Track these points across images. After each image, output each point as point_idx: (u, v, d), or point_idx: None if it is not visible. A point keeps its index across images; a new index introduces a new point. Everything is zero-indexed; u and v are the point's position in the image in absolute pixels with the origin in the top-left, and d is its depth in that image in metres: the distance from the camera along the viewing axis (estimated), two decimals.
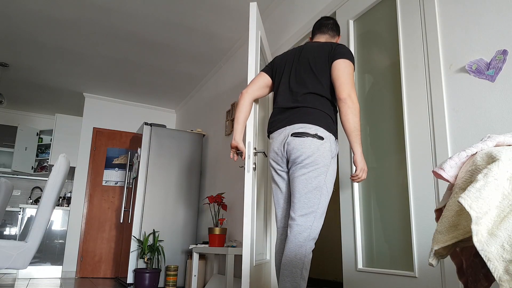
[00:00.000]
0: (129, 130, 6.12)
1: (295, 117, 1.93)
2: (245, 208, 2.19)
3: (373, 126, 2.30)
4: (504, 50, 1.64)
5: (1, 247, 2.18)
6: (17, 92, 5.96)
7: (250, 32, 2.45)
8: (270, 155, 2.04)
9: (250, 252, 2.13)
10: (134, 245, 4.30)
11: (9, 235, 5.54)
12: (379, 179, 2.21)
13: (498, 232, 0.83)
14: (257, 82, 2.18)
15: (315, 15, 2.92)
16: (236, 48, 4.35)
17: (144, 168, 4.57)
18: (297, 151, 1.86)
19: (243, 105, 2.13)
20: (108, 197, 5.74)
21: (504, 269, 0.80)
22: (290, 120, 1.94)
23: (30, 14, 3.84)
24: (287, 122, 1.95)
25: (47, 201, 2.36)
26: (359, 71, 2.48)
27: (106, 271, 5.52)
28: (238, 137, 2.14)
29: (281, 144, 1.95)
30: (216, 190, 4.44)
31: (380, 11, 2.37)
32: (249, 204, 2.19)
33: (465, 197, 0.86)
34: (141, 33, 4.16)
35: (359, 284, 2.21)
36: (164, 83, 5.50)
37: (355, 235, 2.28)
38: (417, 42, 2.05)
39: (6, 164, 6.34)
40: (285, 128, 1.94)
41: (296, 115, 1.93)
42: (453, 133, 1.81)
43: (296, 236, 1.80)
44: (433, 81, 1.92)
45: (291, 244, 1.79)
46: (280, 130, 1.98)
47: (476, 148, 1.04)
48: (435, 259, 0.99)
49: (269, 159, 2.04)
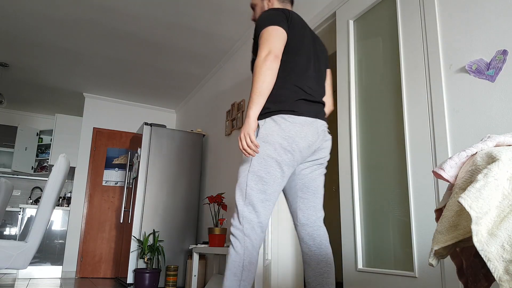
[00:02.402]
0: (129, 130, 6.12)
1: (322, 112, 1.78)
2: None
3: (373, 126, 2.30)
4: (504, 50, 1.64)
5: (1, 247, 2.18)
6: (17, 92, 5.96)
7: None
8: (299, 143, 1.65)
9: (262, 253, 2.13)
10: (134, 245, 4.30)
11: (9, 235, 5.54)
12: (379, 179, 2.21)
13: (498, 232, 0.83)
14: (283, 42, 1.69)
15: (315, 15, 2.92)
16: (236, 48, 4.35)
17: (144, 168, 4.57)
18: (329, 150, 1.81)
19: (275, 75, 1.63)
20: (108, 197, 5.74)
21: (504, 269, 0.80)
22: (318, 113, 1.75)
23: (30, 14, 3.84)
24: (317, 114, 1.73)
25: (47, 201, 2.36)
26: (359, 71, 2.48)
27: (106, 271, 5.52)
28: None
29: (317, 137, 1.71)
30: (216, 190, 4.44)
31: (380, 11, 2.37)
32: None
33: (465, 197, 0.86)
34: (141, 33, 4.15)
35: (359, 284, 2.21)
36: (164, 83, 5.50)
37: (355, 235, 2.28)
38: (417, 42, 2.05)
39: (6, 164, 6.34)
40: (316, 120, 1.71)
41: (322, 109, 1.79)
42: (453, 133, 1.81)
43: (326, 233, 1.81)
44: (433, 81, 1.92)
45: (327, 243, 1.77)
46: (312, 119, 1.69)
47: (476, 148, 1.04)
48: (435, 259, 0.99)
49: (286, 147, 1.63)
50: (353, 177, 2.34)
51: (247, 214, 1.61)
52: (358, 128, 2.40)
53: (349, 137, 2.42)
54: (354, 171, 2.35)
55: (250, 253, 1.59)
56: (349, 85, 2.49)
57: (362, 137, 2.37)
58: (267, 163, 1.62)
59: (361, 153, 2.36)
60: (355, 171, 2.35)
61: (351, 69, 2.50)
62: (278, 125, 1.63)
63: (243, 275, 1.57)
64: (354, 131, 2.41)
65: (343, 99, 2.53)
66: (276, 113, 1.66)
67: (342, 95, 2.54)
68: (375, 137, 2.27)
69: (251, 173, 1.63)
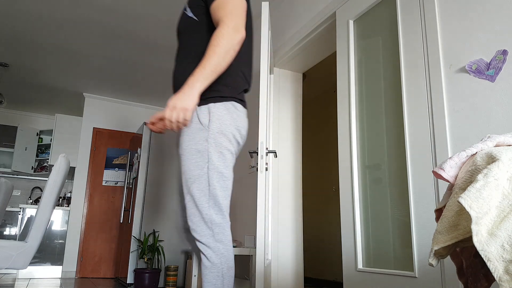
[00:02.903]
0: (129, 130, 6.12)
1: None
2: (258, 209, 2.17)
3: (373, 126, 2.30)
4: (504, 50, 1.64)
5: (1, 247, 2.18)
6: (17, 92, 5.96)
7: (262, 32, 2.45)
8: (243, 136, 1.55)
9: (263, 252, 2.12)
10: (134, 245, 4.30)
11: (9, 235, 5.54)
12: (379, 179, 2.21)
13: (498, 232, 0.83)
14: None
15: (315, 15, 2.92)
16: None
17: (144, 168, 4.57)
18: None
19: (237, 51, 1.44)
20: (108, 197, 5.74)
21: (504, 269, 0.80)
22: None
23: (30, 14, 3.84)
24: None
25: (47, 201, 2.36)
26: (359, 71, 2.48)
27: (106, 271, 5.52)
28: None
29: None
30: None
31: (380, 11, 2.37)
32: (262, 205, 2.18)
33: (465, 197, 0.86)
34: (141, 33, 4.15)
35: (359, 284, 2.21)
36: (164, 83, 5.50)
37: (355, 235, 2.28)
38: (417, 42, 2.05)
39: (6, 164, 6.34)
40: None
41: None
42: (453, 133, 1.81)
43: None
44: (433, 81, 1.92)
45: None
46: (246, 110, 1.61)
47: (476, 148, 1.04)
48: (435, 259, 0.99)
49: (238, 139, 1.51)
50: (353, 177, 2.34)
51: (214, 217, 1.40)
52: (358, 128, 2.40)
53: (349, 137, 2.42)
54: (354, 171, 2.35)
55: (227, 259, 1.40)
56: (349, 85, 2.49)
57: (362, 137, 2.37)
58: (226, 157, 1.45)
59: (361, 153, 2.36)
60: (355, 171, 2.35)
61: (351, 69, 2.50)
62: (230, 114, 1.47)
63: (224, 283, 1.39)
64: (354, 131, 2.41)
65: (343, 99, 2.53)
66: (229, 99, 1.48)
67: (342, 95, 2.54)
68: (375, 137, 2.27)
69: (212, 170, 1.42)
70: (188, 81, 1.35)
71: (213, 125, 1.43)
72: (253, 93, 3.84)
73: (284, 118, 3.42)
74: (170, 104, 1.33)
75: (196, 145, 1.42)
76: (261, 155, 2.20)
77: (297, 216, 3.26)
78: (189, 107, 1.32)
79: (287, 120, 3.43)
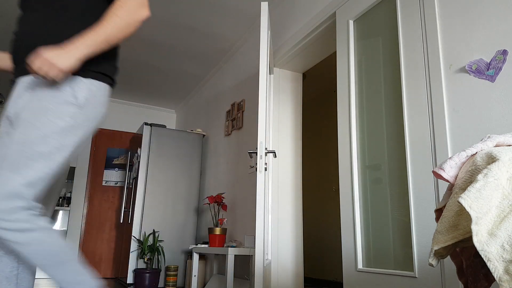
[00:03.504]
0: (129, 130, 6.12)
1: None
2: (257, 209, 2.17)
3: (373, 126, 2.31)
4: (504, 50, 1.64)
5: None
6: None
7: (261, 32, 2.45)
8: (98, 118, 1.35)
9: (262, 252, 2.13)
10: (134, 245, 4.30)
11: None
12: (379, 179, 2.21)
13: (498, 232, 0.83)
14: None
15: (315, 15, 2.92)
16: (236, 48, 4.35)
17: (144, 168, 4.57)
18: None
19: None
20: (108, 197, 5.74)
21: (504, 269, 0.80)
22: None
23: None
24: None
25: None
26: (358, 71, 2.48)
27: (106, 271, 5.52)
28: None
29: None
30: (216, 190, 4.43)
31: (380, 11, 2.37)
32: (262, 205, 2.18)
33: (465, 197, 0.86)
34: (141, 33, 4.16)
35: (359, 284, 2.21)
36: (164, 83, 5.50)
37: (355, 235, 2.28)
38: (417, 42, 2.05)
39: None
40: None
41: None
42: (453, 133, 1.81)
43: None
44: (433, 81, 1.92)
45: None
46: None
47: (476, 148, 1.04)
48: (435, 259, 0.99)
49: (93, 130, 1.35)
50: (353, 177, 2.34)
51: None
52: (358, 128, 2.40)
53: (349, 137, 2.42)
54: (354, 171, 2.35)
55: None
56: (349, 85, 2.49)
57: (362, 137, 2.37)
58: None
59: (361, 153, 2.36)
60: (355, 171, 2.35)
61: (351, 69, 2.50)
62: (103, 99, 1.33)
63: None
64: (354, 131, 2.41)
65: (343, 99, 2.53)
66: (107, 80, 1.35)
67: (342, 95, 2.54)
68: (375, 137, 2.27)
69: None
70: (74, 40, 1.17)
71: (89, 108, 1.26)
72: (253, 93, 3.84)
73: (284, 118, 3.42)
74: (42, 55, 1.12)
75: (54, 117, 1.21)
76: (260, 155, 2.21)
77: (297, 216, 3.26)
78: (64, 68, 1.14)
79: (287, 120, 3.43)
